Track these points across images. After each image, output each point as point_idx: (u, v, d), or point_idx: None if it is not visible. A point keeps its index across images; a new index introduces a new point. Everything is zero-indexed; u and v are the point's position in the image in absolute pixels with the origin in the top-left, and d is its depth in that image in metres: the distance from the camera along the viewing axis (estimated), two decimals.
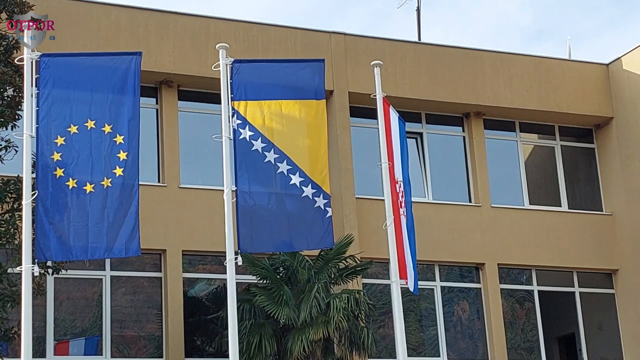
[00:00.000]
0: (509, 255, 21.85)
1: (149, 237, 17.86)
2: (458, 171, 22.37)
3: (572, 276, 22.62)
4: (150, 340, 19.17)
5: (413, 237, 11.61)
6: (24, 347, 9.59)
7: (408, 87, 21.43)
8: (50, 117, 9.94)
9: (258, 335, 17.24)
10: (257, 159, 10.59)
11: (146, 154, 19.24)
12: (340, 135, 20.55)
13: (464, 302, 21.72)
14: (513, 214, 22.23)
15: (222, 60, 10.88)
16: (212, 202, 15.99)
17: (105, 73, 10.08)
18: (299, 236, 10.63)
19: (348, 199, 20.24)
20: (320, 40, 20.95)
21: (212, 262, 19.49)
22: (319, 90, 10.88)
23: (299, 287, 17.82)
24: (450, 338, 21.21)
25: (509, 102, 22.52)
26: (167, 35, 19.89)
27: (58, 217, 9.76)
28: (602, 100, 23.33)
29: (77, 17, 19.15)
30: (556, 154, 23.51)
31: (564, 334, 22.83)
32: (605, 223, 22.97)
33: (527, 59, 23.11)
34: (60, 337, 18.57)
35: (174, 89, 20.10)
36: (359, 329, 17.80)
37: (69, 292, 18.89)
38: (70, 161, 9.81)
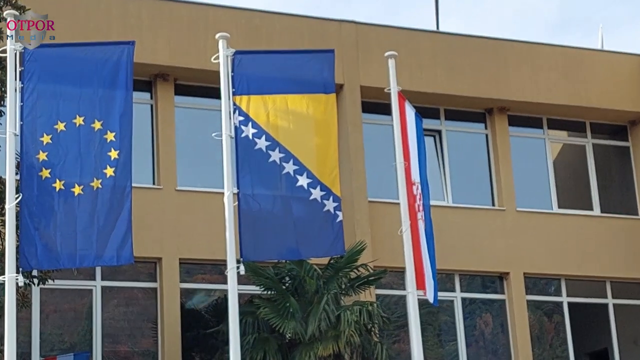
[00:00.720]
0: (535, 263, 21.83)
1: (143, 244, 17.88)
2: (480, 172, 22.36)
3: (605, 286, 22.60)
4: (145, 356, 19.20)
5: (432, 244, 11.59)
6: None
7: (425, 80, 21.42)
8: (36, 114, 9.95)
9: (262, 351, 17.25)
10: (260, 159, 10.60)
11: (140, 154, 19.33)
12: (352, 133, 20.55)
13: (486, 315, 21.71)
14: (540, 219, 22.21)
15: (222, 52, 10.89)
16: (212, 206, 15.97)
17: (95, 65, 10.08)
18: (306, 243, 10.63)
19: (360, 202, 20.24)
20: (329, 29, 20.95)
21: (212, 272, 19.51)
22: (329, 84, 10.88)
23: (306, 298, 17.82)
24: (471, 354, 21.20)
25: (535, 97, 22.50)
26: (162, 24, 19.92)
27: (44, 222, 9.77)
28: (637, 94, 23.30)
29: (65, 7, 19.17)
30: (587, 152, 23.49)
31: (596, 350, 22.82)
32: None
33: (554, 49, 23.09)
34: (46, 353, 18.60)
35: (170, 83, 20.13)
36: (372, 344, 17.79)
37: (57, 304, 18.92)
38: (57, 161, 9.82)
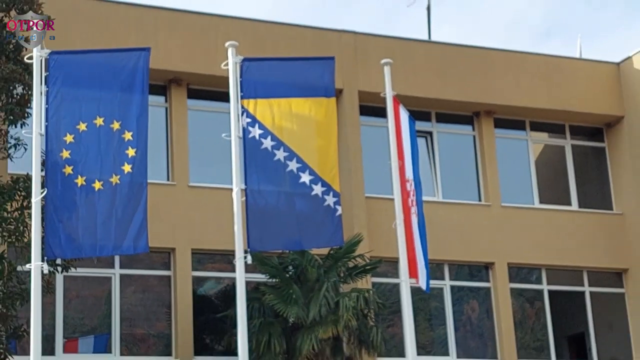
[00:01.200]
0: (518, 254, 21.81)
1: (158, 235, 17.85)
2: (468, 170, 22.34)
3: (582, 275, 22.58)
4: (160, 338, 19.18)
5: (424, 236, 11.58)
6: (33, 345, 9.60)
7: (418, 85, 21.40)
8: (60, 115, 9.93)
9: (267, 334, 17.24)
10: (266, 158, 10.57)
11: (155, 153, 19.28)
12: (350, 134, 20.54)
13: (473, 302, 21.69)
14: (523, 213, 22.19)
15: (231, 59, 10.86)
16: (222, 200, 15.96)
17: (114, 70, 10.06)
18: (308, 234, 10.61)
19: (358, 198, 20.22)
20: (329, 38, 20.93)
21: (221, 261, 19.49)
22: (329, 88, 10.85)
23: (308, 285, 17.81)
24: (459, 337, 21.18)
25: (519, 101, 22.48)
26: (176, 33, 19.90)
27: (67, 215, 9.75)
28: (613, 99, 23.28)
29: (85, 15, 19.17)
30: (566, 152, 23.47)
31: (574, 334, 22.78)
32: (616, 222, 22.92)
33: (537, 57, 23.07)
34: (69, 335, 18.60)
35: (183, 87, 20.10)
36: (368, 327, 17.78)
37: (78, 290, 18.91)
38: (79, 159, 9.80)
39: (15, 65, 14.71)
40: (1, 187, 14.51)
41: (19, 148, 15.36)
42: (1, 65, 14.55)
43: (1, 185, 14.56)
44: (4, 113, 14.79)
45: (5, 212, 14.35)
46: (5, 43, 15.38)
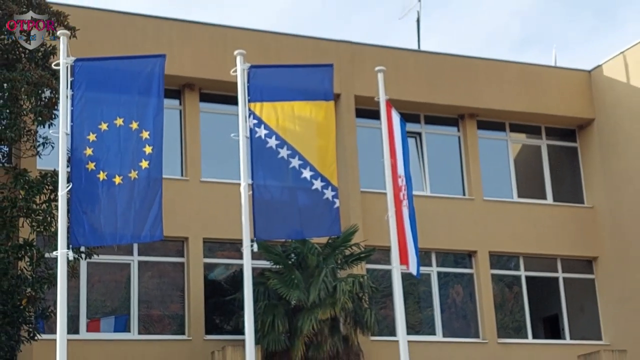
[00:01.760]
0: (499, 243, 21.80)
1: (172, 226, 17.81)
2: (453, 167, 22.30)
3: (556, 263, 22.56)
4: (174, 319, 19.16)
5: (415, 227, 11.54)
6: (59, 325, 9.56)
7: (409, 91, 21.36)
8: (83, 116, 9.88)
9: (271, 315, 17.22)
10: (271, 155, 10.51)
11: (170, 151, 19.29)
12: (347, 135, 20.51)
13: (458, 286, 21.67)
14: (503, 207, 22.16)
15: (239, 66, 10.81)
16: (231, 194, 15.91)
17: (132, 75, 10.01)
18: (309, 225, 10.57)
19: (354, 192, 20.20)
20: (328, 47, 20.89)
21: (230, 249, 19.46)
22: (328, 92, 10.80)
23: (308, 271, 17.79)
24: (445, 318, 21.16)
25: (500, 105, 22.45)
26: (189, 42, 19.86)
27: (90, 207, 9.71)
28: (585, 103, 23.24)
29: (107, 26, 19.13)
30: (542, 152, 23.44)
31: (549, 315, 22.77)
32: (587, 215, 22.89)
33: (516, 65, 23.03)
34: (92, 316, 18.57)
35: (195, 92, 20.07)
36: (362, 309, 17.77)
37: (100, 275, 18.89)
38: (101, 156, 9.76)
39: (43, 71, 14.69)
40: (31, 181, 14.48)
41: (46, 146, 15.35)
42: (31, 71, 14.52)
43: (31, 179, 14.54)
44: (34, 114, 14.76)
45: (35, 204, 14.32)
46: (34, 51, 15.35)
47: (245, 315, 10.21)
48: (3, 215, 13.97)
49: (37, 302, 14.68)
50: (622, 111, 22.59)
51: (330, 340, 17.21)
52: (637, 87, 22.25)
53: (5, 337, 14.26)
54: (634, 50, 22.45)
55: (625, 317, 21.86)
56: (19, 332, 14.64)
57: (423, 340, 20.33)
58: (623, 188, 22.33)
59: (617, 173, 22.53)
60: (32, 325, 14.91)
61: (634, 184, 22.05)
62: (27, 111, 14.78)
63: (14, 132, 14.60)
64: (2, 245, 14.01)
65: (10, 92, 14.60)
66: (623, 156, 22.43)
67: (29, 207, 14.17)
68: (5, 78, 14.42)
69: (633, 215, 21.96)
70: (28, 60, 15.01)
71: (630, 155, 22.24)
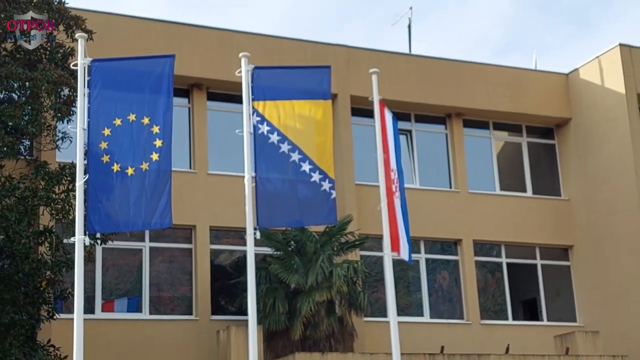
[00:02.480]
0: (482, 232, 21.79)
1: (181, 214, 17.80)
2: (441, 162, 22.28)
3: (535, 251, 22.56)
4: (182, 300, 19.14)
5: (406, 216, 11.50)
6: (76, 305, 9.52)
7: (400, 91, 21.31)
8: (99, 113, 9.83)
9: (272, 297, 17.21)
10: (273, 150, 10.46)
11: (180, 146, 19.25)
12: (343, 132, 20.46)
13: (444, 272, 21.66)
14: (486, 198, 22.15)
15: (244, 67, 10.75)
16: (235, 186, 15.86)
17: (144, 75, 9.97)
18: (307, 214, 10.52)
19: (349, 185, 20.16)
20: (326, 51, 20.83)
21: (235, 236, 19.44)
22: (326, 92, 10.74)
23: (307, 257, 17.77)
24: (432, 301, 21.16)
25: (484, 105, 22.41)
26: (197, 45, 19.79)
27: (105, 196, 9.67)
28: (562, 104, 23.21)
29: (122, 30, 19.06)
30: (523, 148, 23.42)
31: (527, 299, 22.77)
32: (563, 207, 22.89)
33: (500, 69, 22.98)
34: (106, 297, 18.55)
35: (203, 91, 20.01)
36: (356, 292, 17.75)
37: (115, 259, 18.86)
38: (115, 149, 9.71)
39: (62, 71, 14.63)
40: (50, 172, 14.43)
41: (65, 140, 15.31)
42: (51, 71, 14.46)
43: (50, 171, 14.49)
44: (53, 111, 14.70)
45: (54, 193, 14.28)
46: (54, 53, 15.29)
47: (248, 297, 10.19)
48: (25, 204, 13.92)
49: (56, 284, 14.65)
50: (597, 111, 22.57)
51: (326, 321, 17.21)
52: (611, 89, 22.22)
53: (27, 316, 14.24)
54: (608, 55, 22.42)
55: (597, 301, 21.87)
56: (39, 312, 14.62)
57: (412, 321, 20.33)
58: (597, 182, 22.32)
59: (591, 168, 22.52)
60: (51, 306, 14.88)
61: (607, 178, 22.04)
62: (47, 108, 14.73)
63: (35, 127, 14.55)
64: (24, 232, 13.97)
65: (32, 90, 14.56)
66: (597, 153, 22.41)
67: (48, 197, 14.12)
68: (28, 77, 14.37)
69: (606, 208, 21.95)
70: (48, 60, 14.96)
71: (604, 153, 22.22)
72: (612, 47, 22.30)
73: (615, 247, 21.56)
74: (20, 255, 14.00)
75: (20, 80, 14.49)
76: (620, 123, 21.82)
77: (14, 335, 13.88)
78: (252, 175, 10.35)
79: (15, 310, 13.99)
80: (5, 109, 14.42)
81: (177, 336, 18.37)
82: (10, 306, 13.92)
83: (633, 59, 22.14)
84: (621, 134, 21.78)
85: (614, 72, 22.11)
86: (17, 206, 13.75)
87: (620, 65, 21.97)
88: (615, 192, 21.77)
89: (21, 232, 13.85)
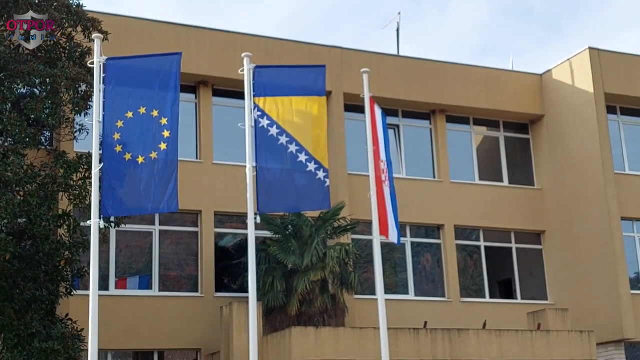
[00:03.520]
0: (462, 218, 21.78)
1: (189, 200, 17.77)
2: (425, 154, 22.24)
3: (510, 235, 22.55)
4: (189, 279, 19.11)
5: (395, 203, 11.46)
6: (92, 282, 9.48)
7: (389, 89, 21.25)
8: (113, 107, 9.77)
9: (271, 277, 17.18)
10: (272, 142, 10.40)
11: (187, 138, 19.18)
12: (337, 126, 20.40)
13: (428, 254, 21.65)
14: (466, 188, 22.13)
15: (246, 66, 10.68)
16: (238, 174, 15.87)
17: (154, 73, 9.91)
18: (303, 201, 10.48)
19: (342, 174, 20.11)
20: (322, 51, 20.74)
21: (237, 221, 19.40)
22: (321, 89, 10.67)
23: (303, 240, 17.74)
24: (417, 281, 21.15)
25: (465, 102, 22.35)
26: (204, 45, 19.69)
27: (118, 183, 9.62)
28: (536, 102, 23.16)
29: (135, 31, 18.95)
30: (500, 142, 23.37)
31: (503, 279, 22.79)
32: (536, 195, 22.88)
33: (479, 69, 22.92)
34: (120, 276, 18.51)
35: (209, 88, 19.92)
36: (348, 273, 17.74)
37: (127, 241, 18.80)
38: (127, 140, 9.66)
39: (80, 69, 14.55)
40: (69, 161, 14.37)
41: (82, 132, 15.24)
42: (69, 69, 14.37)
43: (69, 160, 14.42)
44: (72, 105, 14.62)
45: (72, 180, 14.22)
46: (73, 52, 15.19)
47: (249, 277, 10.14)
48: (45, 190, 13.85)
49: (74, 263, 14.60)
50: (568, 109, 22.54)
51: (320, 298, 17.20)
52: (581, 88, 22.19)
53: (47, 292, 14.21)
54: (578, 58, 22.38)
55: (567, 281, 21.89)
56: (58, 289, 14.58)
57: (398, 299, 20.34)
58: (567, 173, 22.31)
59: (562, 161, 22.51)
60: (69, 283, 14.84)
61: (576, 170, 22.03)
62: (66, 102, 14.65)
63: (55, 119, 14.47)
64: (44, 215, 13.91)
65: (52, 86, 14.47)
66: (567, 147, 22.40)
67: (67, 184, 14.06)
68: (48, 74, 14.28)
69: (575, 196, 21.96)
70: (67, 59, 14.87)
71: (574, 146, 22.21)
72: (582, 51, 22.26)
73: (583, 232, 21.58)
74: (41, 237, 13.96)
75: (42, 77, 14.41)
76: (589, 119, 21.80)
77: (35, 309, 13.85)
78: (253, 165, 10.29)
79: (36, 287, 13.96)
80: (27, 103, 14.35)
81: (183, 311, 18.35)
82: (32, 283, 13.89)
83: (601, 61, 22.10)
84: (589, 130, 21.76)
85: (584, 73, 22.07)
86: (38, 192, 13.69)
87: (589, 67, 21.94)
88: (583, 182, 21.78)
89: (42, 215, 13.79)
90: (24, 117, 14.39)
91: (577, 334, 17.35)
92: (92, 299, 9.35)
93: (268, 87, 10.58)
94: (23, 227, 14.08)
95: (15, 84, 14.46)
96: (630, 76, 22.64)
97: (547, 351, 16.85)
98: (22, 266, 13.87)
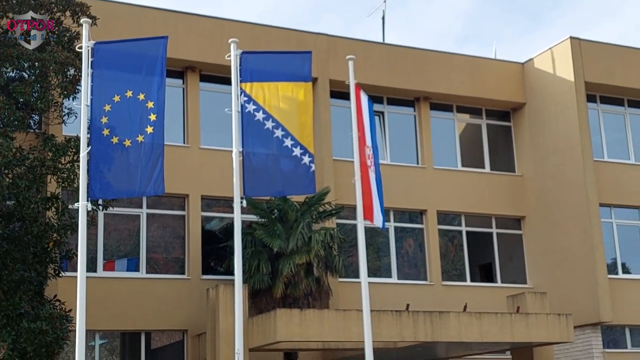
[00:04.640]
0: (445, 204, 21.84)
1: (176, 184, 17.71)
2: (409, 141, 22.25)
3: (491, 220, 22.65)
4: (176, 262, 19.08)
5: (381, 188, 11.47)
6: (80, 264, 9.45)
7: (374, 76, 21.21)
8: (101, 91, 9.71)
9: (257, 260, 17.19)
10: (258, 127, 10.37)
11: (175, 123, 19.09)
12: (322, 112, 20.35)
13: (410, 239, 21.72)
14: (449, 174, 22.18)
15: (233, 52, 10.62)
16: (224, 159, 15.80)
17: (141, 57, 9.87)
18: (289, 185, 10.47)
19: (327, 159, 20.10)
20: (308, 38, 20.66)
21: (224, 205, 19.36)
22: (307, 75, 10.65)
23: (288, 224, 17.74)
24: (400, 265, 21.22)
25: (449, 90, 22.36)
26: (191, 31, 19.56)
27: (106, 166, 9.58)
28: (518, 90, 23.21)
29: (123, 16, 18.79)
30: (482, 129, 23.42)
31: (484, 263, 22.90)
32: (517, 181, 22.97)
33: (462, 57, 22.92)
34: (108, 258, 18.45)
35: (196, 73, 19.81)
36: (332, 256, 17.77)
37: (115, 224, 18.74)
38: (114, 123, 9.61)
39: (69, 53, 14.44)
40: (57, 145, 14.27)
41: (70, 116, 15.14)
42: (58, 53, 14.26)
43: (57, 143, 14.33)
44: (60, 89, 14.52)
45: (60, 163, 14.14)
46: (62, 36, 15.05)
47: (235, 259, 10.14)
48: (34, 173, 13.77)
49: (62, 245, 14.54)
50: (549, 97, 22.60)
51: (305, 281, 17.23)
52: (562, 77, 22.25)
53: (35, 273, 14.15)
54: (559, 47, 22.43)
55: (545, 266, 22.04)
56: (46, 270, 14.52)
57: (381, 282, 20.42)
58: (547, 160, 22.41)
59: (542, 148, 22.59)
60: (58, 265, 14.78)
61: (556, 157, 22.13)
62: (54, 86, 14.54)
63: (44, 103, 14.38)
64: (33, 198, 13.84)
65: (41, 70, 14.36)
66: (548, 134, 22.49)
67: (55, 167, 13.98)
68: (37, 58, 14.17)
69: (554, 183, 22.07)
70: (56, 43, 14.73)
71: (554, 134, 22.30)
72: (563, 40, 22.30)
73: (562, 218, 21.71)
74: (30, 219, 13.88)
75: (30, 61, 14.29)
76: (569, 107, 21.88)
77: (24, 290, 13.80)
78: (240, 150, 10.26)
79: (24, 268, 13.90)
80: (16, 86, 14.24)
81: (171, 293, 18.33)
82: (20, 264, 13.83)
83: (582, 51, 22.16)
84: (569, 117, 21.84)
85: (565, 62, 22.13)
86: (26, 174, 13.61)
87: (570, 56, 21.99)
88: (562, 169, 21.88)
89: (30, 198, 13.72)
90: (12, 101, 14.27)
91: (555, 316, 17.49)
92: (80, 281, 9.31)
93: (254, 72, 10.54)
94: (12, 209, 14.00)
95: (4, 68, 14.34)
96: (610, 66, 22.72)
97: (526, 333, 16.97)
98: (10, 248, 13.80)
